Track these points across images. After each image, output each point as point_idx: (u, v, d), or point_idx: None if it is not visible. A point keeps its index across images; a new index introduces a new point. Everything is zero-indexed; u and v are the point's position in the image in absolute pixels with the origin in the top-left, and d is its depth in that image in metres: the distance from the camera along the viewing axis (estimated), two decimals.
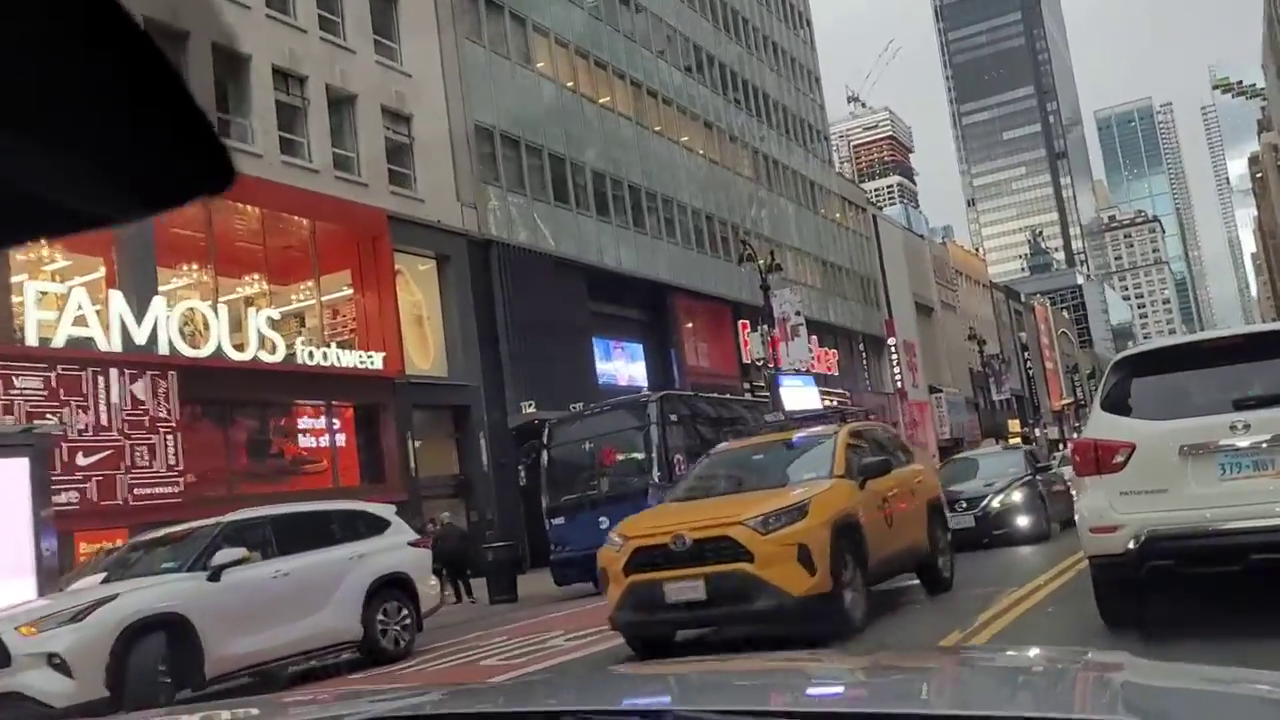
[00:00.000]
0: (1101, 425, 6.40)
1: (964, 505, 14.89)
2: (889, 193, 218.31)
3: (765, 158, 46.95)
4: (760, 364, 28.68)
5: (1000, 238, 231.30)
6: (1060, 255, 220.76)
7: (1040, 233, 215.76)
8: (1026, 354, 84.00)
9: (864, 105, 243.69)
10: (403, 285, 24.94)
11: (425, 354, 25.48)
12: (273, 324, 20.44)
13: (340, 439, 22.66)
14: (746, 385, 40.78)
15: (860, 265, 55.77)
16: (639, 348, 35.19)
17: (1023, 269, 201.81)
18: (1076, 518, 6.82)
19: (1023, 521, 15.28)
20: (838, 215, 54.61)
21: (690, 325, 37.25)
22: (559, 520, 16.44)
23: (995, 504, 15.33)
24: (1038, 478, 16.38)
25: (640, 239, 35.24)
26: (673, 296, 36.31)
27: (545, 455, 17.22)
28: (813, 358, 29.21)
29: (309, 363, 21.14)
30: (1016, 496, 15.54)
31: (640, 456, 16.27)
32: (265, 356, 20.20)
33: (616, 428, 16.91)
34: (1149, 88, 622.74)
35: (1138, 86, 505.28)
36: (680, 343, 36.35)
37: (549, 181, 30.73)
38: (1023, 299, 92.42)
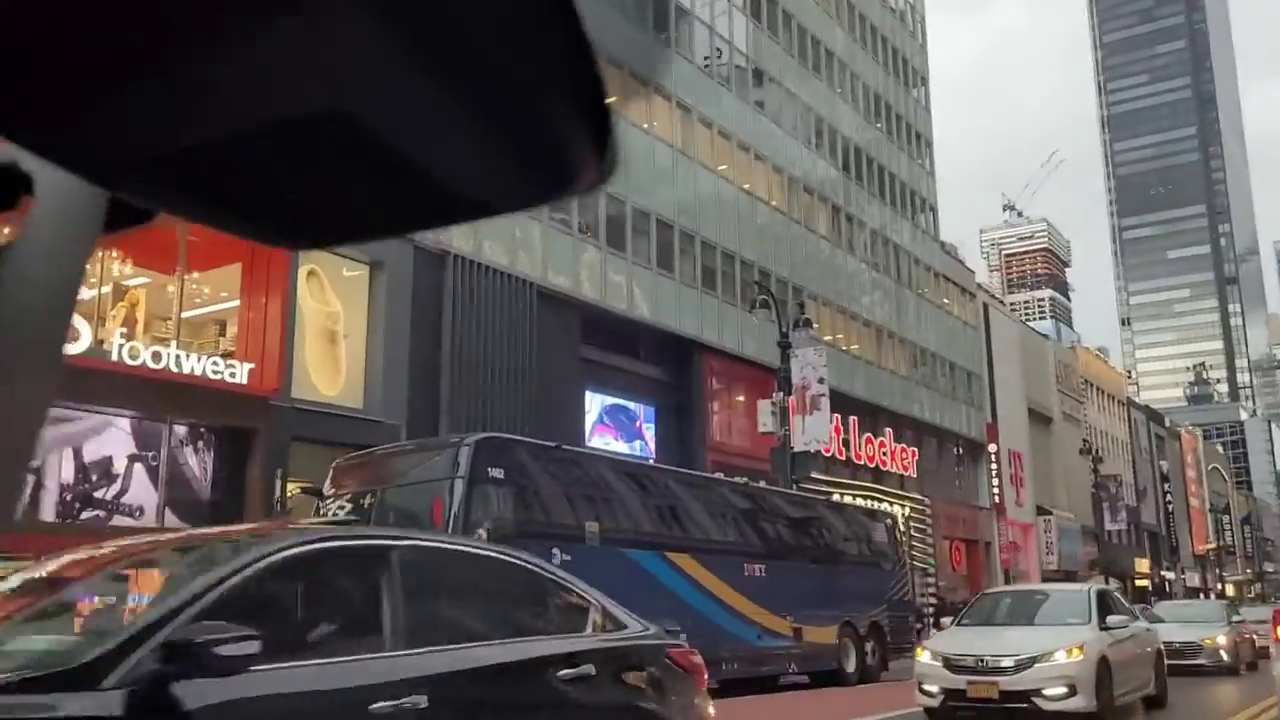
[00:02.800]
0: None
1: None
2: (1040, 306, 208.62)
3: (850, 218, 41.02)
4: (776, 436, 22.65)
5: (1156, 362, 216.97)
6: (1223, 388, 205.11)
7: (1204, 363, 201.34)
8: (1167, 486, 74.07)
9: (1020, 215, 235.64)
10: (313, 289, 20.19)
11: (332, 377, 20.53)
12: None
13: (163, 466, 17.69)
14: (796, 477, 34.52)
15: (962, 357, 48.73)
16: (650, 409, 29.53)
17: (1181, 398, 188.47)
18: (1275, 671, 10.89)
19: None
20: (941, 298, 47.92)
21: (721, 391, 31.42)
22: None
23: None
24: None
25: (663, 282, 29.79)
26: (700, 355, 30.62)
27: (319, 513, 11.83)
28: (829, 437, 22.97)
29: (129, 361, 16.36)
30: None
31: (429, 529, 10.64)
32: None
33: (410, 479, 11.37)
34: None
35: None
36: (705, 410, 30.53)
37: None
38: (1167, 424, 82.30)
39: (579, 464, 12.99)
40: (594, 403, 27.61)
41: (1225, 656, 18.10)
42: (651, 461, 26.45)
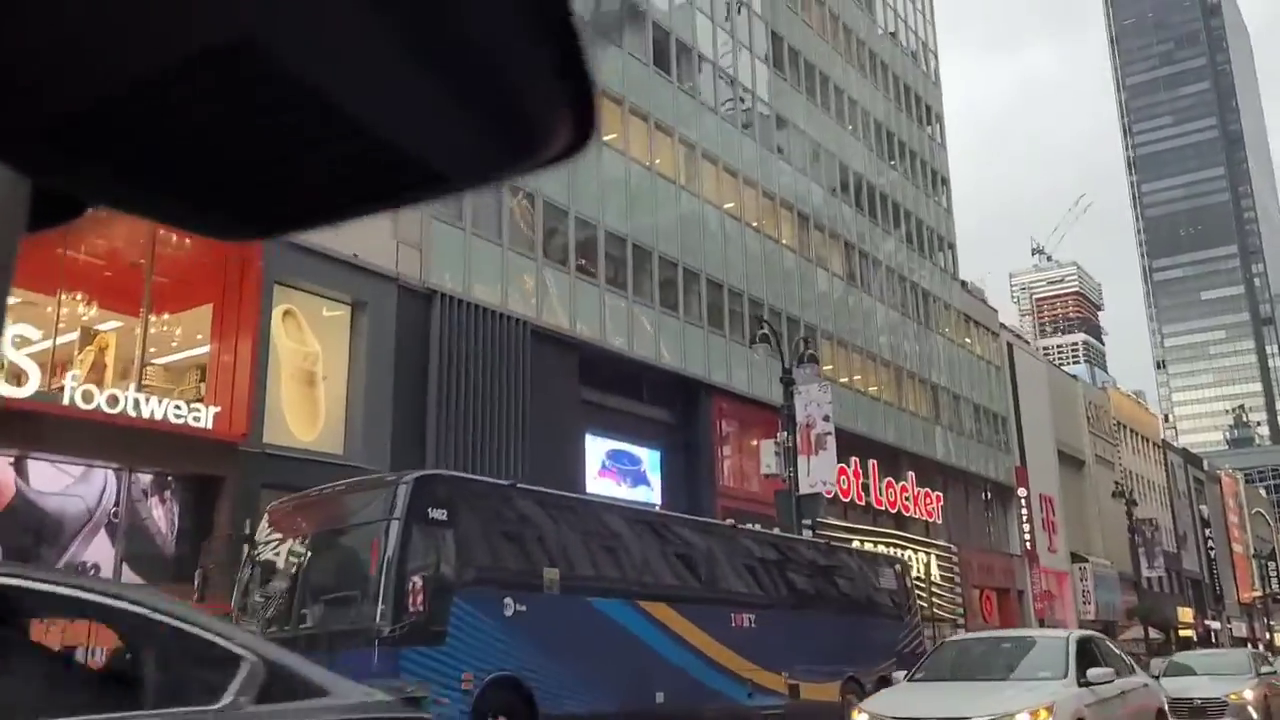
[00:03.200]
0: None
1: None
2: (1073, 350, 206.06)
3: (865, 255, 39.94)
4: (781, 479, 21.40)
5: (1193, 405, 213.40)
6: (1264, 430, 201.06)
7: (1244, 406, 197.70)
8: (1208, 531, 71.49)
9: (1049, 258, 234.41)
10: (290, 330, 19.30)
11: (310, 420, 19.56)
12: (19, 343, 14.90)
13: (122, 518, 16.69)
14: (807, 520, 33.09)
15: (987, 398, 47.21)
16: (655, 454, 28.33)
17: (1221, 441, 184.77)
18: None
19: None
20: (964, 337, 46.57)
21: (732, 434, 30.21)
22: None
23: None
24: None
25: (667, 321, 28.75)
26: (709, 396, 29.46)
27: (249, 562, 10.74)
28: (835, 479, 21.63)
29: (82, 405, 15.47)
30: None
31: (362, 578, 9.50)
32: (10, 390, 14.68)
33: (346, 522, 10.25)
34: None
35: None
36: (714, 454, 29.30)
37: (539, 234, 24.86)
38: (1205, 467, 79.75)
39: (538, 504, 11.83)
40: (595, 447, 26.48)
41: (1254, 714, 15.90)
42: (659, 508, 25.30)
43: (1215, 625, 62.97)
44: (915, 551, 37.74)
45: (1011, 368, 50.12)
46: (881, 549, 35.31)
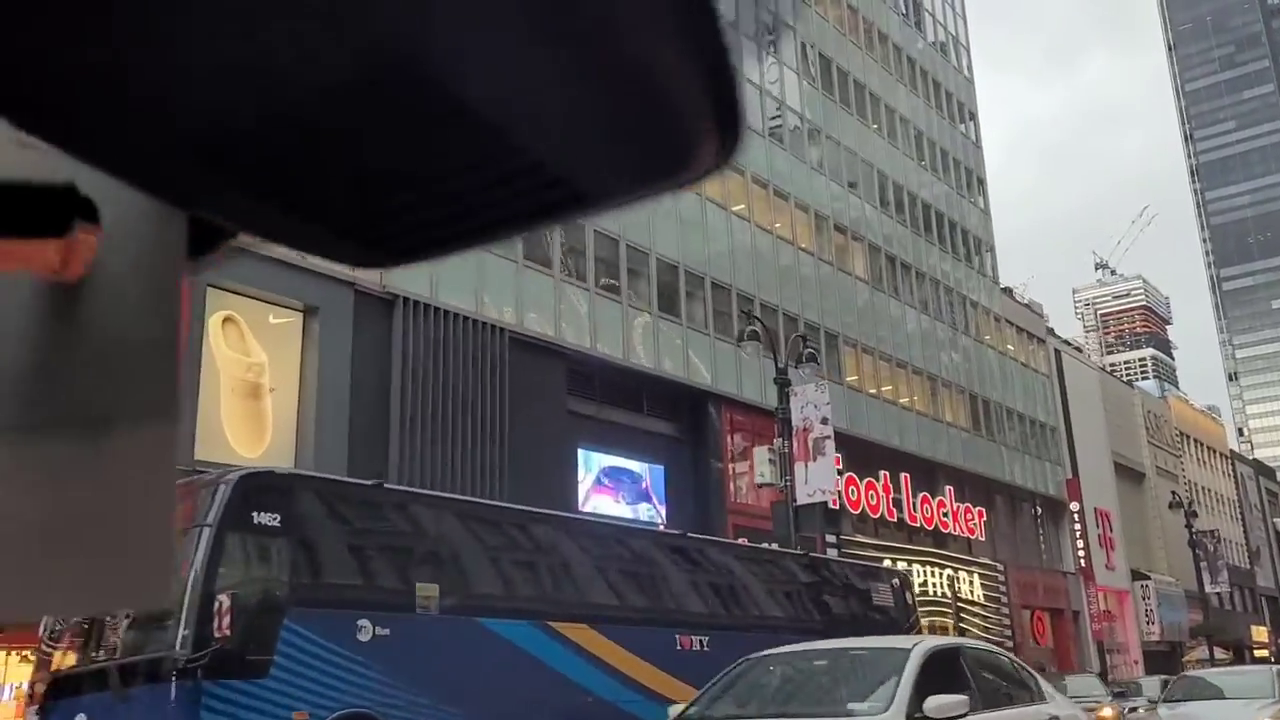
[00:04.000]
0: None
1: None
2: (1141, 366, 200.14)
3: (893, 259, 37.82)
4: (778, 489, 19.44)
5: (1270, 417, 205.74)
6: None
7: None
8: None
9: (1114, 273, 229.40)
10: (230, 338, 17.90)
11: (255, 436, 18.10)
12: None
13: None
14: (831, 538, 30.93)
15: (1033, 408, 44.55)
16: (658, 469, 26.49)
17: None
18: None
19: None
20: (1005, 344, 44.05)
21: (744, 447, 28.25)
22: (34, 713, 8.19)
23: None
24: None
25: (666, 327, 26.97)
26: (718, 407, 27.57)
27: None
28: (835, 486, 19.44)
29: None
30: None
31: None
32: None
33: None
34: None
35: None
36: (724, 469, 27.34)
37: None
38: (1279, 478, 75.53)
39: (417, 508, 10.09)
40: (589, 463, 24.74)
41: None
42: (661, 526, 23.45)
43: None
44: (956, 570, 35.34)
45: (1060, 376, 47.40)
46: (916, 568, 33.06)
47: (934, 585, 33.66)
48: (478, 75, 0.48)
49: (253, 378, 18.09)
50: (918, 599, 32.88)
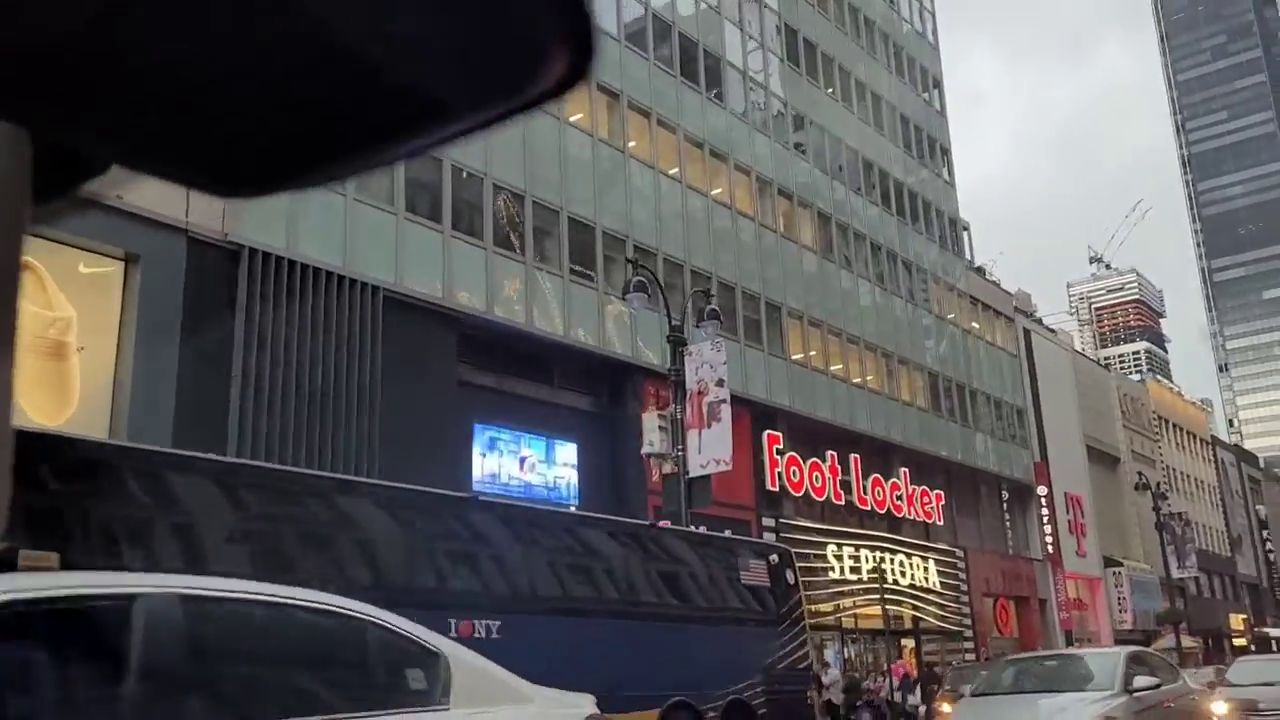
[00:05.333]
0: None
1: None
2: (1135, 359, 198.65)
3: (844, 229, 35.63)
4: (670, 460, 17.26)
5: (1260, 408, 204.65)
6: None
7: None
8: (1266, 533, 65.44)
9: (1108, 267, 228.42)
10: (31, 290, 15.70)
11: (59, 401, 15.87)
12: None
13: None
14: (770, 522, 28.81)
15: (999, 388, 42.42)
16: (571, 446, 24.32)
17: None
18: None
19: None
20: (970, 322, 41.90)
21: None
22: None
23: None
24: None
25: (580, 292, 24.77)
26: (638, 380, 25.37)
27: None
28: (731, 455, 17.22)
29: None
30: None
31: None
32: None
33: None
34: None
35: None
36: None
37: (400, 183, 21.05)
38: (1262, 465, 73.48)
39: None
40: (487, 439, 22.58)
41: None
42: (575, 509, 21.26)
43: (1277, 633, 56.85)
44: (910, 556, 33.24)
45: (1030, 356, 45.29)
46: (865, 554, 30.92)
47: (887, 571, 31.55)
48: None
49: (55, 335, 15.85)
50: (900, 586, 30.79)
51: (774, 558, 13.36)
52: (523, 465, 23.15)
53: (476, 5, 0.52)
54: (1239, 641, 48.96)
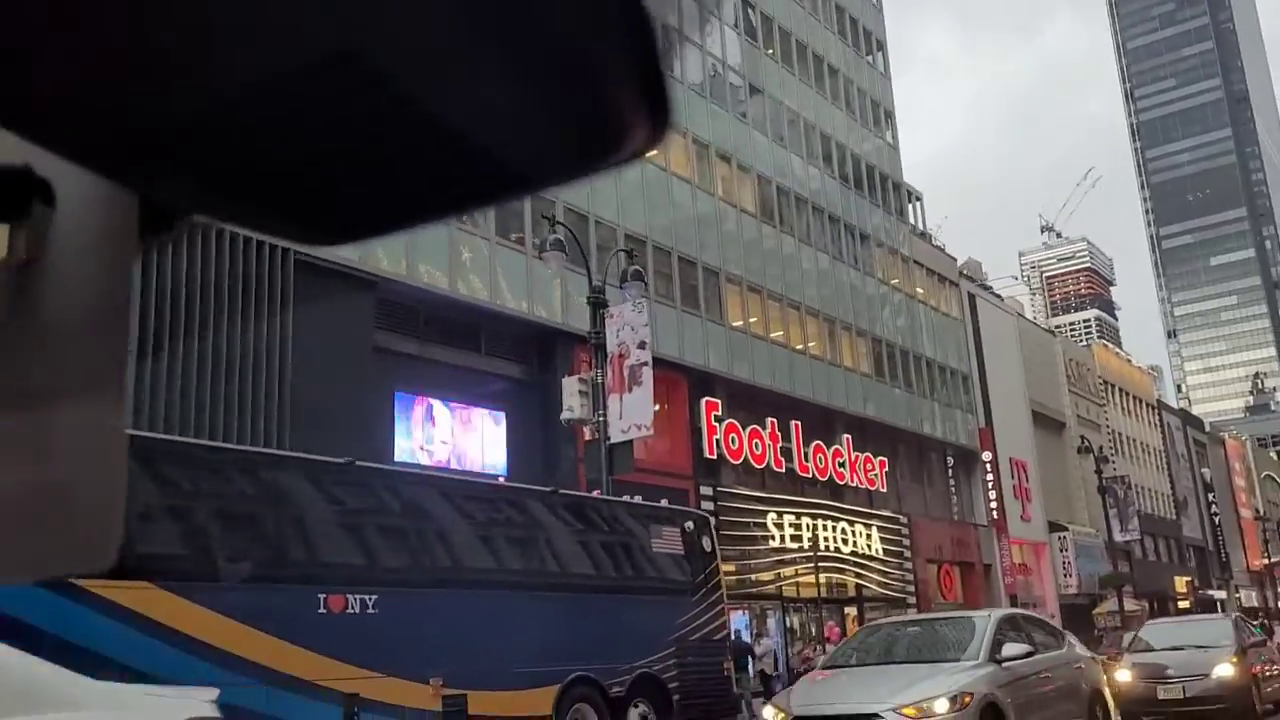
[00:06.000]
0: None
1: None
2: (1085, 327, 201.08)
3: (784, 192, 35.05)
4: (591, 426, 16.61)
5: (1207, 374, 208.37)
6: None
7: (1260, 372, 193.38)
8: (1211, 496, 66.31)
9: (1059, 235, 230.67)
10: None
11: None
12: None
13: None
14: (708, 490, 28.35)
15: (943, 354, 42.24)
16: (498, 415, 23.62)
17: (1240, 410, 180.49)
18: None
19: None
20: (915, 287, 41.60)
21: None
22: None
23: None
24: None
25: (505, 255, 24.01)
26: (569, 348, 24.67)
27: None
28: (652, 421, 16.61)
29: None
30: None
31: None
32: None
33: None
34: None
35: None
36: None
37: None
38: (1207, 429, 74.45)
39: None
40: (408, 408, 21.81)
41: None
42: (501, 480, 20.55)
43: (1221, 595, 57.75)
44: (853, 523, 32.99)
45: (974, 321, 45.15)
46: (806, 521, 30.61)
47: (828, 540, 31.29)
48: (420, 66, 0.51)
49: None
50: (842, 553, 30.59)
51: (689, 524, 12.81)
52: (449, 434, 22.42)
53: (559, 78, 0.53)
54: (1183, 604, 49.55)
